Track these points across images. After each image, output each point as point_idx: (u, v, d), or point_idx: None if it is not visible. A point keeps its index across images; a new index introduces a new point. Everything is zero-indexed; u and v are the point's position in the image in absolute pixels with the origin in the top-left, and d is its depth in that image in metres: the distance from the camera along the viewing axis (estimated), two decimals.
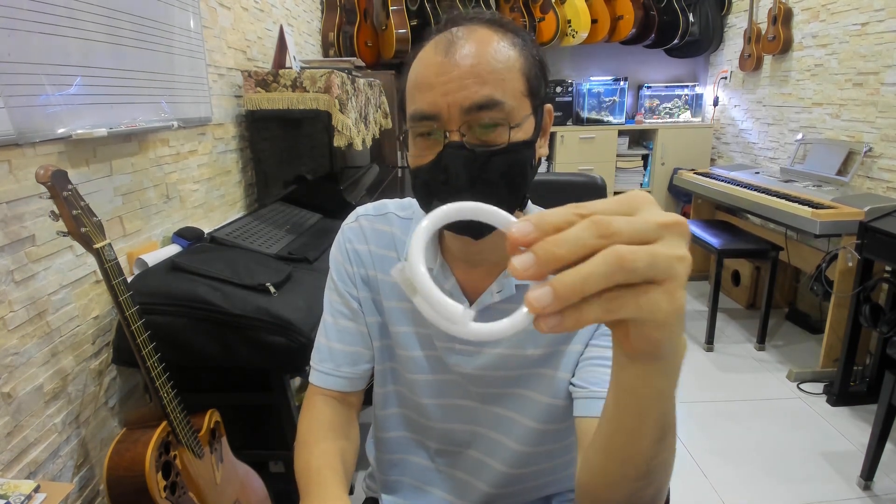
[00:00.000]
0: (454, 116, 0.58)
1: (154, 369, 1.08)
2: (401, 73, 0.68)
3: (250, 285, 1.33)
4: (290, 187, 2.15)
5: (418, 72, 0.61)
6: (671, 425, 0.45)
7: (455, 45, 0.58)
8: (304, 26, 3.09)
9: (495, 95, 0.57)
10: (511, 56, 0.59)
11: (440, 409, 0.76)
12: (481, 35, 0.60)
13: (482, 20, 0.62)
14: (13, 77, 0.99)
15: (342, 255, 0.77)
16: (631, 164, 4.01)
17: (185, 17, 1.60)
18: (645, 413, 0.42)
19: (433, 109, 0.58)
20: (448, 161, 0.59)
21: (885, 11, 2.45)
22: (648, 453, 0.44)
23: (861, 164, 2.58)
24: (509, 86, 0.59)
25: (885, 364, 2.10)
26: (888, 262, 1.98)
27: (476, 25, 0.61)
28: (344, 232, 0.78)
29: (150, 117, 1.42)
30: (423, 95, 0.59)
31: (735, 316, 3.15)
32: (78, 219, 0.98)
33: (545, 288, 0.28)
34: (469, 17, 0.63)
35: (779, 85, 3.26)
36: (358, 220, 0.78)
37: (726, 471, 1.89)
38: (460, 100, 0.57)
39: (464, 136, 0.58)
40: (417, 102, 0.60)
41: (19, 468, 1.03)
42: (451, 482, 0.81)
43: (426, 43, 0.63)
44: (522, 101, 0.60)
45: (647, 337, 0.32)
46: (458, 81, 0.57)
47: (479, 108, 0.57)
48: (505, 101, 0.58)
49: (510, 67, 0.59)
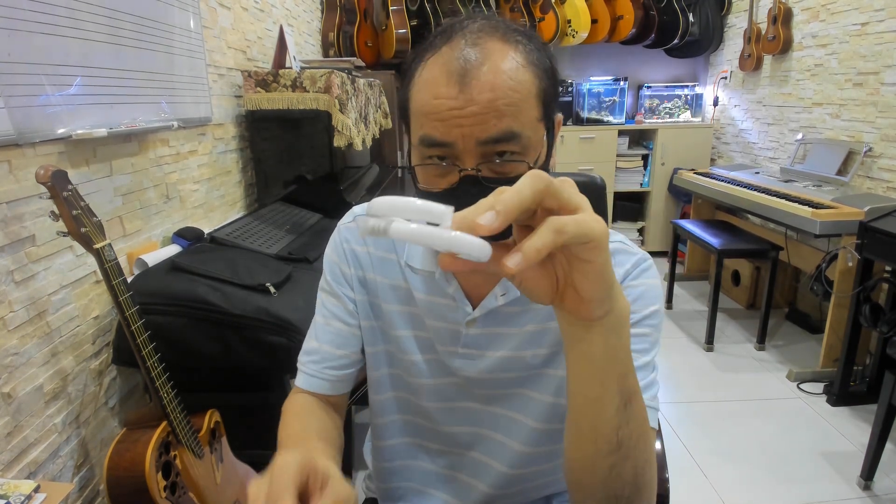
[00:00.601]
0: (469, 148, 0.55)
1: (154, 369, 1.08)
2: (401, 74, 0.66)
3: (250, 285, 1.33)
4: (290, 187, 2.15)
5: (427, 99, 0.56)
6: (633, 391, 0.48)
7: (469, 74, 0.54)
8: (304, 26, 3.09)
9: (513, 128, 0.55)
10: (527, 80, 0.56)
11: (443, 412, 0.76)
12: (496, 58, 0.55)
13: (493, 31, 0.58)
14: (13, 77, 0.99)
15: (338, 256, 0.75)
16: (631, 164, 4.01)
17: (185, 17, 1.60)
18: (604, 377, 0.46)
19: (447, 139, 0.56)
20: (463, 197, 0.56)
21: (885, 11, 2.45)
22: (615, 421, 0.48)
23: (861, 164, 2.58)
24: (526, 115, 0.56)
25: (885, 364, 2.10)
26: (888, 262, 1.98)
27: (488, 40, 0.56)
28: (340, 232, 0.75)
29: (150, 117, 1.42)
30: (434, 125, 0.56)
31: (735, 316, 3.15)
32: (78, 219, 0.98)
33: (488, 213, 0.34)
34: (478, 27, 0.58)
35: (779, 85, 3.26)
36: (356, 220, 0.75)
37: (726, 471, 1.89)
38: (477, 133, 0.55)
39: (479, 170, 0.56)
40: (427, 129, 0.57)
41: (19, 468, 1.03)
42: (452, 484, 0.80)
43: (431, 55, 0.58)
44: (538, 127, 0.58)
45: (592, 269, 0.39)
46: (475, 117, 0.54)
47: (495, 141, 0.55)
48: (522, 132, 0.56)
49: (527, 95, 0.56)
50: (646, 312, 0.64)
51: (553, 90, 0.60)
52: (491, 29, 0.58)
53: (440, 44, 0.58)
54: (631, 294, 0.65)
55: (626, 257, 0.68)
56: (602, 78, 4.06)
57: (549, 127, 0.60)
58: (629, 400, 0.48)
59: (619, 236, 0.71)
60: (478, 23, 0.59)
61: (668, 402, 2.30)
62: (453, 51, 0.56)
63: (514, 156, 0.56)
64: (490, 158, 0.56)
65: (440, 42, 0.58)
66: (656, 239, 4.09)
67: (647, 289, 0.65)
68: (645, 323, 0.64)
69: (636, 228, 4.16)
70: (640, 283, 0.65)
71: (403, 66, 0.64)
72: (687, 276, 3.68)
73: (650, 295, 0.65)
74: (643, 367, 0.62)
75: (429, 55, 0.58)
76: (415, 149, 0.60)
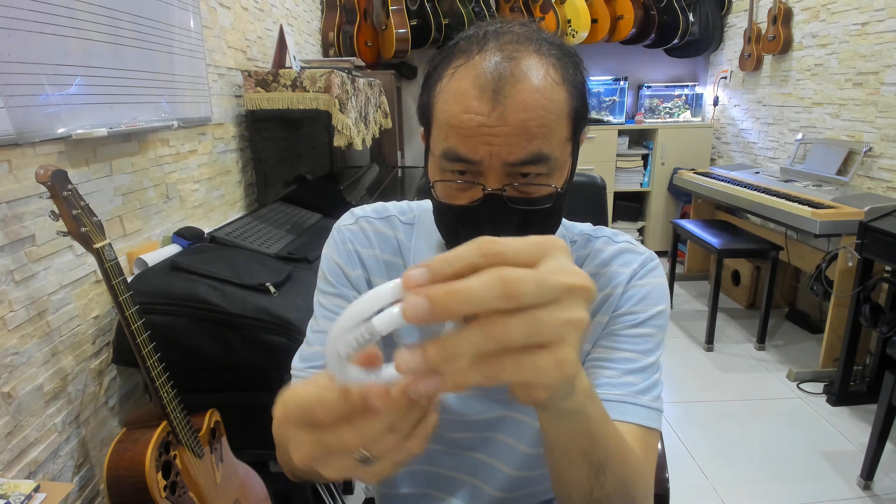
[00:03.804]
0: (495, 168, 0.53)
1: (154, 369, 1.08)
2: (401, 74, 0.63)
3: (250, 285, 1.33)
4: (290, 187, 2.15)
5: (456, 112, 0.53)
6: (604, 462, 0.46)
7: (503, 91, 0.51)
8: (304, 26, 3.09)
9: (543, 150, 0.53)
10: (560, 100, 0.54)
11: (448, 415, 0.75)
12: (532, 76, 0.52)
13: (528, 42, 0.54)
14: (13, 77, 0.99)
15: (341, 257, 0.70)
16: (631, 164, 4.01)
17: (185, 17, 1.60)
18: (567, 451, 0.44)
19: (473, 157, 0.53)
20: (485, 215, 0.55)
21: (885, 11, 2.45)
22: (586, 486, 0.46)
23: (861, 164, 2.58)
24: (556, 136, 0.54)
25: (885, 364, 2.10)
26: (888, 261, 1.98)
27: (524, 53, 0.53)
28: (342, 232, 0.72)
29: (150, 117, 1.42)
30: (461, 140, 0.53)
31: (735, 316, 3.15)
32: (78, 219, 0.98)
33: (415, 354, 0.26)
34: (514, 38, 0.55)
35: (779, 85, 3.26)
36: (358, 221, 0.72)
37: (726, 471, 1.89)
38: (504, 155, 0.52)
39: (504, 190, 0.54)
40: (453, 142, 0.54)
41: (19, 468, 1.03)
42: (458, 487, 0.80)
43: (463, 62, 0.54)
44: (566, 147, 0.56)
45: (531, 396, 0.31)
46: (506, 138, 0.52)
47: (523, 163, 0.53)
48: (551, 154, 0.54)
49: (559, 115, 0.54)
50: (651, 313, 0.64)
51: (584, 109, 0.58)
52: (525, 40, 0.55)
53: (473, 51, 0.54)
54: (637, 294, 0.64)
55: (633, 256, 0.67)
56: (602, 78, 4.05)
57: (575, 145, 0.59)
58: (600, 469, 0.45)
59: (625, 236, 0.70)
60: (513, 31, 0.55)
61: (668, 402, 2.30)
62: (486, 62, 0.53)
63: (539, 178, 0.55)
64: (515, 178, 0.55)
65: (473, 49, 0.54)
66: (656, 239, 4.09)
67: (653, 288, 0.65)
68: (650, 323, 0.63)
69: (636, 228, 4.16)
70: (646, 283, 0.65)
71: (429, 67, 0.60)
72: (687, 275, 3.68)
73: (656, 294, 0.65)
74: (647, 368, 0.62)
75: (459, 62, 0.54)
76: (435, 159, 0.58)
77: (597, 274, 0.67)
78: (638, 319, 0.63)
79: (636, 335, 0.63)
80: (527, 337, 0.26)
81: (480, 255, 0.27)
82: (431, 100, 0.57)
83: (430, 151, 0.59)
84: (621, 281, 0.66)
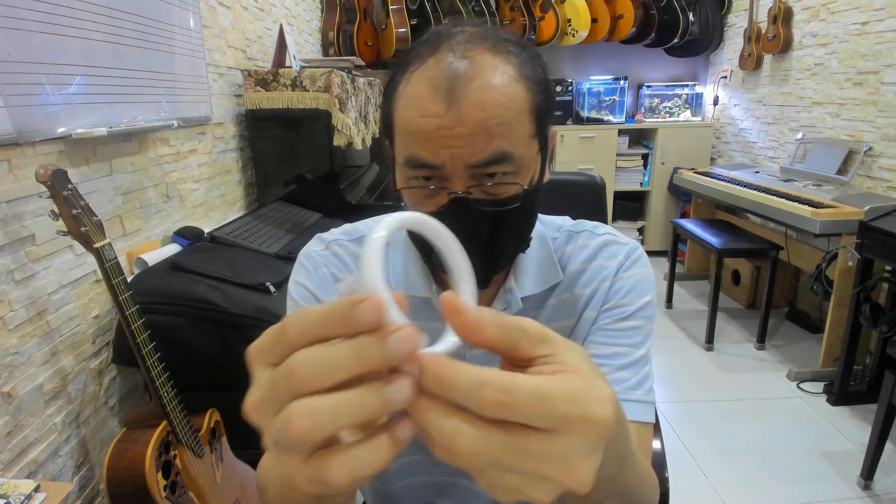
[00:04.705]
0: (458, 171, 0.52)
1: (154, 369, 1.08)
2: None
3: (250, 284, 1.32)
4: (290, 186, 2.15)
5: (413, 117, 0.52)
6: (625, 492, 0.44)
7: (458, 90, 0.50)
8: (303, 25, 3.09)
9: (505, 148, 0.52)
10: (519, 96, 0.52)
11: None
12: (487, 73, 0.51)
13: (483, 41, 0.53)
14: (13, 77, 0.99)
15: (314, 284, 0.66)
16: (631, 164, 4.01)
17: (185, 17, 1.60)
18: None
19: (435, 161, 0.52)
20: (453, 221, 0.53)
21: (885, 11, 2.45)
22: None
23: (861, 164, 2.57)
24: (518, 133, 0.52)
25: (885, 363, 2.10)
26: (888, 261, 1.98)
27: (477, 52, 0.52)
28: (313, 259, 0.67)
29: (149, 116, 1.42)
30: (421, 145, 0.52)
31: (735, 315, 3.15)
32: (78, 218, 0.98)
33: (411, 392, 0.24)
34: (467, 37, 0.53)
35: (779, 84, 3.26)
36: (329, 246, 0.69)
37: (726, 471, 1.89)
38: (466, 156, 0.51)
39: (470, 192, 0.53)
40: (414, 149, 0.53)
41: (19, 468, 1.03)
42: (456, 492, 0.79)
43: (416, 67, 0.53)
44: (531, 145, 0.55)
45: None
46: (465, 139, 0.50)
47: (486, 164, 0.52)
48: (514, 151, 0.52)
49: (519, 111, 0.52)
50: (639, 304, 0.63)
51: (547, 104, 0.56)
52: (480, 39, 0.53)
53: (426, 55, 0.53)
54: (625, 286, 0.64)
55: (617, 248, 0.66)
56: (602, 77, 4.05)
57: (542, 142, 0.57)
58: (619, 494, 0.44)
59: (606, 227, 0.69)
60: (466, 32, 0.54)
61: (668, 402, 2.30)
62: (440, 64, 0.51)
63: (506, 176, 0.54)
64: (481, 180, 0.53)
65: (426, 53, 0.53)
66: (656, 238, 4.09)
67: (639, 279, 0.64)
68: (639, 315, 0.63)
69: (636, 228, 4.16)
70: (632, 274, 0.65)
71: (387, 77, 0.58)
72: (687, 275, 3.68)
73: (643, 285, 0.64)
74: (638, 362, 0.61)
75: (413, 67, 0.53)
76: (399, 168, 0.56)
77: (583, 270, 0.67)
78: (626, 312, 0.63)
79: (625, 328, 0.63)
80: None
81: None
82: (391, 109, 0.56)
83: (396, 162, 0.57)
84: (608, 274, 0.65)
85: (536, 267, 0.66)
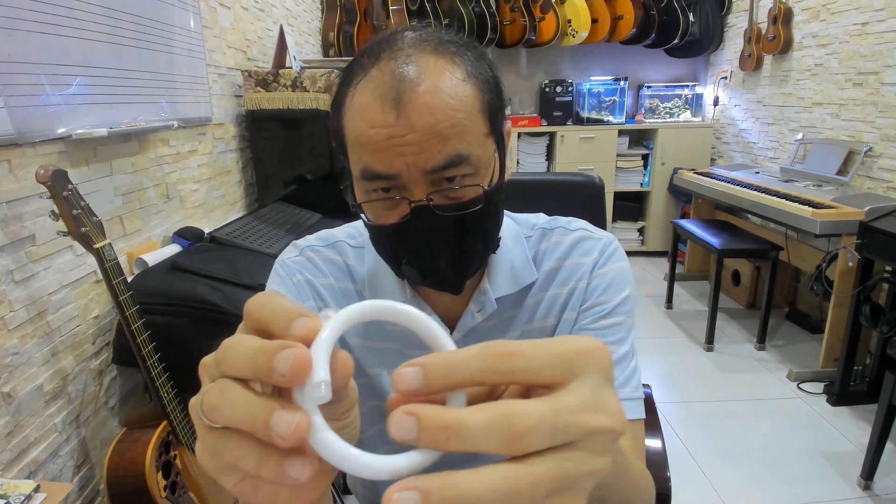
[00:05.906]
0: (416, 178, 0.51)
1: (154, 369, 1.08)
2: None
3: (250, 285, 1.33)
4: (291, 187, 2.15)
5: (363, 129, 0.51)
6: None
7: (404, 97, 0.49)
8: (304, 26, 3.09)
9: (460, 150, 0.51)
10: (469, 95, 0.51)
11: None
12: (432, 75, 0.50)
13: (425, 45, 0.52)
14: (13, 77, 0.99)
15: (289, 291, 0.65)
16: (631, 164, 4.01)
17: (185, 17, 1.60)
18: None
19: (390, 171, 0.51)
20: (416, 229, 0.53)
21: (885, 11, 2.45)
22: None
23: (861, 164, 2.57)
24: (471, 134, 0.52)
25: (885, 364, 2.10)
26: (888, 261, 1.98)
27: (420, 56, 0.51)
28: (287, 266, 0.67)
29: (150, 117, 1.42)
30: (374, 156, 0.51)
31: (735, 316, 3.14)
32: (78, 219, 0.98)
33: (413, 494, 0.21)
34: (408, 43, 0.52)
35: (779, 85, 3.26)
36: (303, 252, 0.68)
37: (726, 471, 1.89)
38: (421, 163, 0.50)
39: (430, 199, 0.52)
40: (367, 160, 0.51)
41: (19, 468, 1.03)
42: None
43: (360, 78, 0.52)
44: (486, 144, 0.54)
45: None
46: (417, 145, 0.49)
47: (443, 168, 0.51)
48: (471, 152, 0.51)
49: (470, 111, 0.51)
50: (618, 300, 0.63)
51: (499, 101, 0.56)
52: (422, 43, 0.52)
53: (368, 65, 0.52)
54: (602, 283, 0.63)
55: (591, 244, 0.65)
56: (602, 78, 4.05)
57: (498, 140, 0.56)
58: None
59: (580, 222, 0.68)
60: (407, 37, 0.53)
61: (668, 402, 2.30)
62: (383, 72, 0.50)
63: (465, 179, 0.53)
64: (440, 185, 0.52)
65: (368, 63, 0.52)
66: (656, 239, 4.09)
67: (616, 274, 0.64)
68: (618, 311, 0.62)
69: (636, 228, 4.16)
70: (608, 270, 0.64)
71: (334, 92, 0.57)
72: (687, 275, 3.67)
73: (620, 280, 0.64)
74: (623, 359, 0.61)
75: (358, 79, 0.52)
76: (357, 183, 0.55)
77: (558, 268, 0.66)
78: (606, 310, 0.62)
79: (606, 326, 0.62)
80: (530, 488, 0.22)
81: (488, 367, 0.23)
82: (340, 123, 0.55)
83: (353, 177, 0.55)
84: (584, 272, 0.64)
85: (510, 267, 0.65)
